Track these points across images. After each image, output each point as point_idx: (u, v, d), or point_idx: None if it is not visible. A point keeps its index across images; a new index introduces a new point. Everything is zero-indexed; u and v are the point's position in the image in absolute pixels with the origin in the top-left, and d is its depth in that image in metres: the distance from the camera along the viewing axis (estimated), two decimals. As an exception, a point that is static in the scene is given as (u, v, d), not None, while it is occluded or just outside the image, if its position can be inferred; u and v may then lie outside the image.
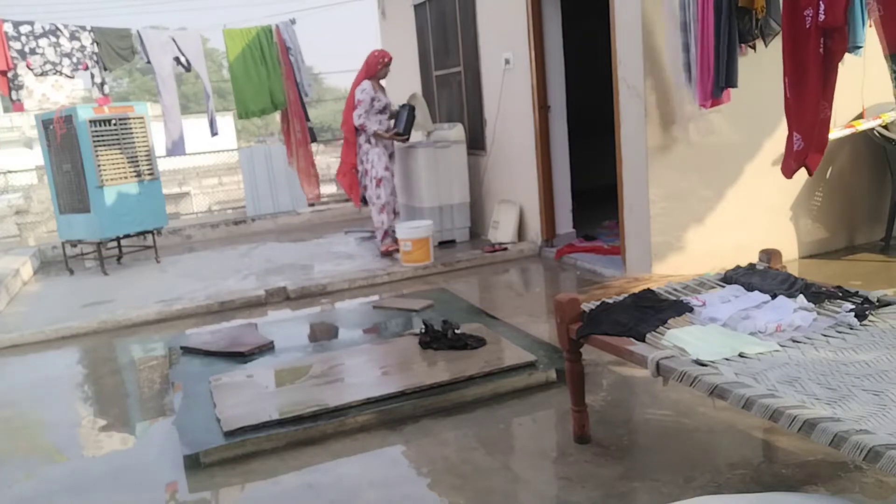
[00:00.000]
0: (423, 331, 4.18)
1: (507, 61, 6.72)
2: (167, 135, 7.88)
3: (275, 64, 8.31)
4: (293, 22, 8.57)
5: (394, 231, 6.82)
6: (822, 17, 3.55)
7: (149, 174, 7.34)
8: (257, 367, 4.18)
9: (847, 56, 3.71)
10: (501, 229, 6.95)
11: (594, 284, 5.41)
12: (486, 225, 7.36)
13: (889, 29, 3.38)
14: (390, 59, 6.79)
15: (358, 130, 6.74)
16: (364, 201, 7.11)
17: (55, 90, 6.88)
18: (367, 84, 6.67)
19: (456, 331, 4.13)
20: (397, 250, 6.69)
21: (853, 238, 5.81)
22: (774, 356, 2.36)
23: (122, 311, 5.64)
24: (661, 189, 5.13)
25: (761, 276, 3.05)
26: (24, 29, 7.18)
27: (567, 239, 6.66)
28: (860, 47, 3.67)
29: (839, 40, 3.61)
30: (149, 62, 7.72)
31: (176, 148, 8.01)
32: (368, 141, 6.76)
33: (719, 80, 4.12)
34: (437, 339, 4.08)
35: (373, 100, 6.63)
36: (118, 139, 7.08)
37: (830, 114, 3.77)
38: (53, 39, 7.29)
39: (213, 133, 8.15)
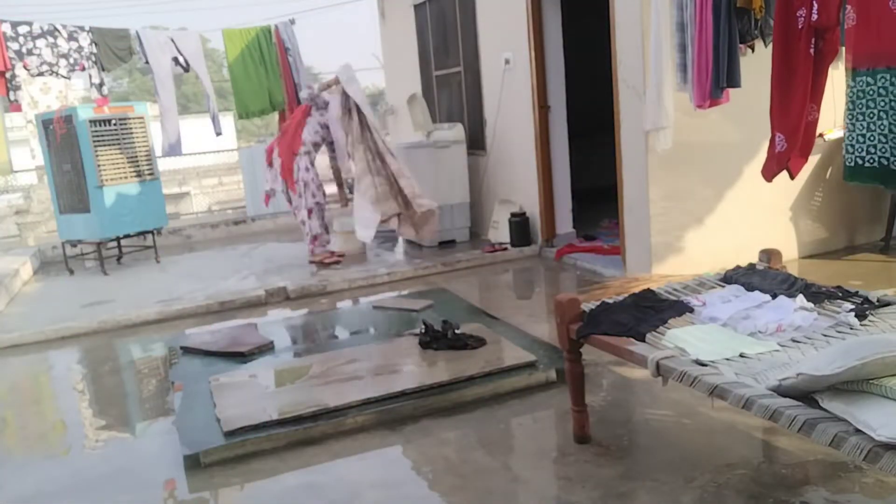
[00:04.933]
0: (423, 331, 4.18)
1: (507, 61, 6.72)
2: (164, 136, 7.88)
3: (273, 65, 8.33)
4: (292, 22, 8.58)
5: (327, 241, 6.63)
6: (815, 17, 3.54)
7: (149, 174, 7.34)
8: (257, 367, 4.18)
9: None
10: (502, 229, 6.95)
11: (594, 284, 5.41)
12: (486, 225, 7.36)
13: (859, 41, 3.23)
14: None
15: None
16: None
17: (43, 93, 6.91)
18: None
19: (456, 331, 4.13)
20: (337, 262, 6.52)
21: (853, 238, 5.81)
22: (774, 356, 2.36)
23: (122, 311, 5.64)
24: (660, 189, 5.13)
25: (761, 276, 3.05)
26: (23, 29, 7.18)
27: (567, 239, 6.66)
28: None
29: (831, 41, 3.59)
30: (147, 62, 7.72)
31: (173, 149, 8.02)
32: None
33: (720, 80, 4.11)
34: (437, 339, 4.08)
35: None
36: (118, 139, 7.08)
37: (818, 116, 3.74)
38: (51, 40, 7.29)
39: (217, 133, 8.15)
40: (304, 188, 6.40)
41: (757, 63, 4.34)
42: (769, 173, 3.93)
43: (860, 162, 3.26)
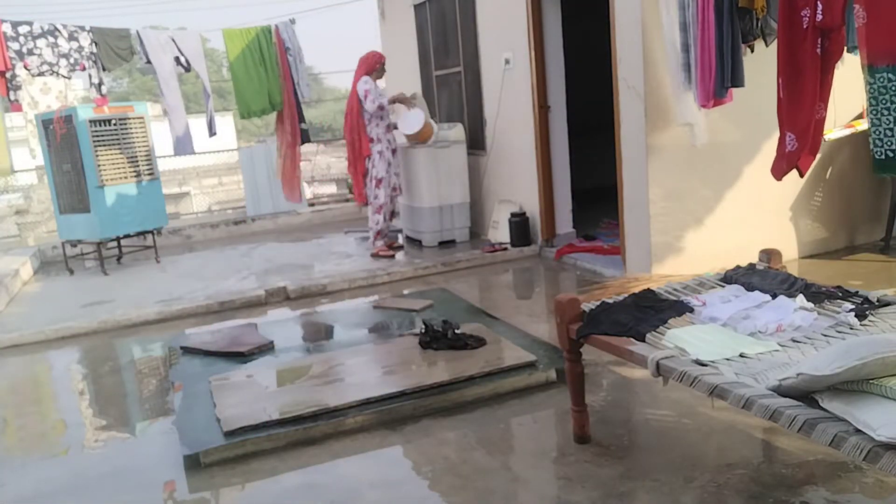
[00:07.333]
0: (423, 331, 4.18)
1: (507, 61, 6.72)
2: (173, 132, 7.85)
3: (273, 65, 8.31)
4: (293, 22, 8.57)
5: (388, 234, 7.08)
6: (819, 17, 3.54)
7: (148, 174, 7.34)
8: (257, 367, 4.18)
9: (848, 56, 3.71)
10: (502, 229, 6.95)
11: (594, 284, 5.40)
12: (486, 225, 7.36)
13: (872, 38, 3.28)
14: (385, 61, 6.98)
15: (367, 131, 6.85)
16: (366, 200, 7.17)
17: (43, 93, 6.95)
18: (367, 78, 6.78)
19: (456, 331, 4.13)
20: (391, 255, 6.86)
21: (853, 238, 5.81)
22: (774, 356, 2.36)
23: (122, 311, 5.64)
24: (661, 189, 5.13)
25: (761, 276, 3.05)
26: (23, 29, 7.17)
27: (567, 239, 6.65)
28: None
29: (837, 41, 3.60)
30: (148, 62, 7.71)
31: (183, 145, 7.98)
32: (371, 140, 6.82)
33: (723, 80, 4.12)
34: (437, 339, 4.08)
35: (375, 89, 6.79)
36: (118, 139, 7.08)
37: (826, 114, 3.76)
38: (52, 40, 7.28)
39: (212, 133, 8.14)
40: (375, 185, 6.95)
41: (758, 63, 4.35)
42: (779, 172, 3.94)
43: (891, 155, 3.35)
